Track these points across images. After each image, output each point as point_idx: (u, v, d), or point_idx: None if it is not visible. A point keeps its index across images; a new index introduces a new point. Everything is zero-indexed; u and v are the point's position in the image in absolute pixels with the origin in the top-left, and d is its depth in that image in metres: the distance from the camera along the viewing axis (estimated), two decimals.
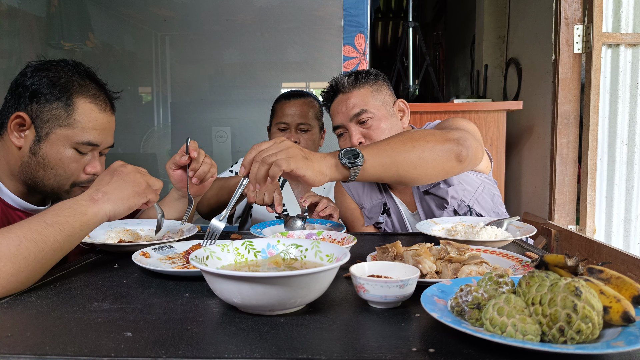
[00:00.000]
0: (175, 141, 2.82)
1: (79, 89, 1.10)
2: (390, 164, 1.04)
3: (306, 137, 1.68)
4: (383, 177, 1.07)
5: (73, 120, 1.09)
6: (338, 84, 1.45)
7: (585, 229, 2.24)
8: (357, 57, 2.48)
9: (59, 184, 1.12)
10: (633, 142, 2.25)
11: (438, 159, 1.10)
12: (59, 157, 1.09)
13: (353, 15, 2.46)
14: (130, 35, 2.80)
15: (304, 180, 0.94)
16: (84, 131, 1.10)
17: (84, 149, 1.12)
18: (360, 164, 0.99)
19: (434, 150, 1.09)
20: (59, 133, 1.08)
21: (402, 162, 1.05)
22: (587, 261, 0.69)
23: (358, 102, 1.41)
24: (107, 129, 1.17)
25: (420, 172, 1.08)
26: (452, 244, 0.92)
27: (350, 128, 1.42)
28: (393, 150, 1.05)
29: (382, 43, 7.99)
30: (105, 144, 1.17)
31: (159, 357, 0.55)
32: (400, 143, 1.07)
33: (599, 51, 2.17)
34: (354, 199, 1.57)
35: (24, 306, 0.73)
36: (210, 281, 0.70)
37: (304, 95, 1.74)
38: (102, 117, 1.14)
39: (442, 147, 1.10)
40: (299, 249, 0.84)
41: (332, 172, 0.98)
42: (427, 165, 1.08)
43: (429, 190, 1.42)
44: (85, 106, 1.10)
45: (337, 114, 1.45)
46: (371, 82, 1.45)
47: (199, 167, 1.24)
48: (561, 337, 0.54)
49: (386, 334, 0.62)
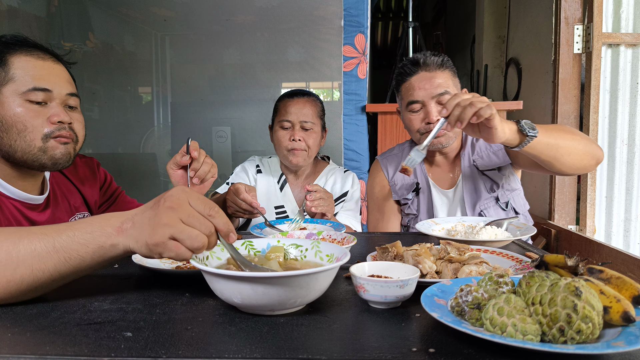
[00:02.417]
0: (175, 141, 2.82)
1: (11, 49, 1.10)
2: (554, 145, 1.23)
3: (308, 136, 1.68)
4: (541, 154, 1.24)
5: (12, 75, 1.07)
6: (423, 61, 1.52)
7: (585, 229, 2.24)
8: (357, 57, 2.48)
9: (26, 141, 1.08)
10: (633, 142, 2.25)
11: (586, 155, 1.29)
12: (12, 113, 1.07)
13: (353, 15, 2.46)
14: (130, 35, 2.80)
15: (491, 132, 1.14)
16: (25, 79, 1.08)
17: (34, 97, 1.08)
18: (535, 135, 1.17)
19: (586, 146, 1.28)
20: (4, 92, 1.07)
21: (562, 147, 1.24)
22: (587, 261, 0.69)
23: (442, 83, 1.49)
24: (52, 75, 1.12)
25: (571, 160, 1.27)
26: (452, 244, 0.92)
27: (429, 105, 1.49)
28: (558, 135, 1.24)
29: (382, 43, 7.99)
30: (58, 89, 1.12)
31: (159, 357, 0.55)
32: (563, 132, 1.26)
33: (599, 51, 2.18)
34: (387, 177, 1.70)
35: (24, 306, 0.73)
36: (210, 281, 0.70)
37: (308, 94, 1.75)
38: (41, 64, 1.11)
39: (591, 147, 1.29)
40: (299, 249, 0.84)
41: (511, 134, 1.17)
42: (577, 156, 1.27)
43: (485, 172, 1.55)
44: (20, 59, 1.09)
45: (417, 89, 1.51)
46: (451, 67, 1.55)
47: (200, 166, 1.24)
48: (561, 337, 0.54)
49: (386, 334, 0.62)
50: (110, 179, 1.46)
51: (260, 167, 1.82)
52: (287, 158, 1.69)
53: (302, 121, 1.67)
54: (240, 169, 1.82)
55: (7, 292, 0.71)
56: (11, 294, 0.72)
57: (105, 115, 2.83)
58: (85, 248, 0.72)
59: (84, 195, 1.34)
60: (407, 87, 1.54)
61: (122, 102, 2.86)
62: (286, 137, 1.68)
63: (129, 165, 2.84)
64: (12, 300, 0.73)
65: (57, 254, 0.72)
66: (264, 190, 1.77)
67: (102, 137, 2.79)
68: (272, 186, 1.78)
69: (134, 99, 2.87)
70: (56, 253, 0.71)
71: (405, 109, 1.56)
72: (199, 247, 0.69)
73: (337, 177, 1.81)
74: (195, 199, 0.72)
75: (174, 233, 0.69)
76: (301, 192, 1.79)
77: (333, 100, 2.64)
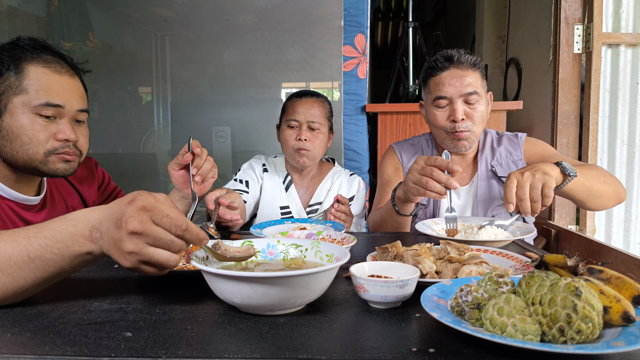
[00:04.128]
0: (175, 141, 2.82)
1: (29, 57, 1.08)
2: (588, 187, 1.33)
3: (315, 136, 1.68)
4: (576, 194, 1.33)
5: (25, 86, 1.06)
6: (457, 58, 1.52)
7: (585, 229, 2.24)
8: (357, 57, 2.48)
9: (29, 154, 1.08)
10: (633, 142, 2.25)
11: (613, 198, 1.39)
12: (19, 125, 1.06)
13: (353, 15, 2.46)
14: (130, 35, 2.80)
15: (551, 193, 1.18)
16: (39, 93, 1.06)
17: (45, 112, 1.07)
18: (575, 175, 1.26)
19: (615, 190, 1.38)
20: (15, 102, 1.06)
21: (595, 189, 1.34)
22: (587, 261, 0.69)
23: (473, 82, 1.50)
24: (66, 90, 1.10)
25: (600, 202, 1.38)
26: (452, 244, 0.92)
27: (456, 103, 1.49)
28: (593, 179, 1.34)
29: (382, 43, 7.99)
30: (70, 105, 1.11)
31: (159, 357, 0.55)
32: (597, 175, 1.36)
33: (599, 51, 2.18)
34: (402, 162, 1.70)
35: (24, 306, 0.73)
36: (210, 281, 0.70)
37: (316, 94, 1.75)
38: (57, 79, 1.09)
39: (618, 190, 1.39)
40: (299, 249, 0.84)
41: (558, 177, 1.23)
42: (606, 199, 1.38)
43: (502, 179, 1.56)
44: (37, 70, 1.07)
45: (447, 85, 1.50)
46: (482, 68, 1.56)
47: (203, 163, 1.24)
48: (561, 337, 0.54)
49: (386, 334, 0.62)
50: (109, 179, 1.46)
51: (266, 166, 1.82)
52: (293, 158, 1.70)
53: (310, 121, 1.67)
54: (248, 166, 1.82)
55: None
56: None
57: (105, 115, 2.83)
58: (61, 257, 0.69)
59: (82, 195, 1.34)
60: (436, 82, 1.53)
61: (122, 102, 2.86)
62: (293, 136, 1.68)
63: (129, 166, 2.84)
64: (3, 303, 0.72)
65: (33, 262, 0.69)
66: (269, 189, 1.77)
67: (102, 137, 2.79)
68: (277, 186, 1.78)
69: (134, 99, 2.87)
70: (32, 262, 0.69)
71: (430, 104, 1.55)
72: (172, 266, 0.68)
73: (343, 180, 1.81)
74: (161, 216, 0.66)
75: (143, 259, 0.66)
76: (306, 193, 1.80)
77: (333, 100, 2.64)
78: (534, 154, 1.57)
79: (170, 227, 0.66)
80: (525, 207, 1.15)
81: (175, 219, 0.66)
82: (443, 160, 1.18)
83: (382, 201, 1.65)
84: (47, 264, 0.69)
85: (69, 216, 0.71)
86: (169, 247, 0.67)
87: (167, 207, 0.67)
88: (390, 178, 1.68)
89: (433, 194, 1.18)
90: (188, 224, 0.67)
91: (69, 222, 0.70)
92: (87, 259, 0.71)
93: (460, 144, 1.51)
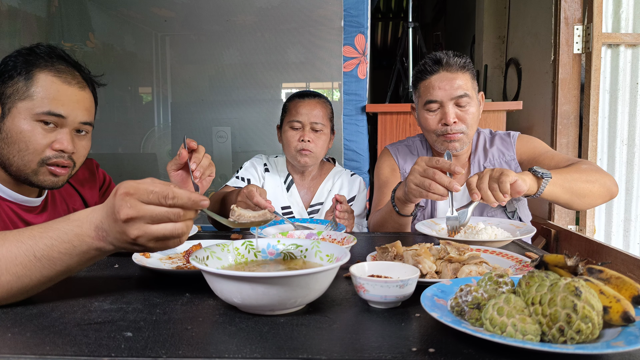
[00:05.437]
0: (176, 141, 2.82)
1: (42, 64, 1.08)
2: (568, 189, 1.30)
3: (318, 137, 1.68)
4: (559, 197, 1.31)
5: (32, 92, 1.06)
6: (446, 61, 1.50)
7: (585, 229, 2.24)
8: (357, 57, 2.48)
9: (23, 160, 1.07)
10: (633, 142, 2.25)
11: (599, 196, 1.35)
12: (19, 130, 1.05)
13: (353, 15, 2.46)
14: (130, 35, 2.80)
15: (521, 189, 1.16)
16: (43, 101, 1.06)
17: (47, 120, 1.06)
18: (550, 177, 1.23)
19: (601, 188, 1.34)
20: (19, 106, 1.05)
21: (576, 190, 1.31)
22: (587, 261, 0.69)
23: (463, 85, 1.48)
24: (73, 101, 1.09)
25: (586, 201, 1.34)
26: (452, 244, 0.92)
27: (447, 106, 1.48)
28: (572, 179, 1.30)
29: (382, 43, 7.99)
30: (73, 117, 1.10)
31: (159, 357, 0.55)
32: (578, 175, 1.32)
33: (599, 51, 2.17)
34: (398, 164, 1.70)
35: (24, 306, 0.73)
36: (210, 281, 0.70)
37: (319, 95, 1.75)
38: (65, 89, 1.09)
39: (606, 187, 1.34)
40: (299, 249, 0.84)
41: (531, 182, 1.23)
42: (592, 198, 1.34)
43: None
44: (47, 78, 1.07)
45: (437, 89, 1.49)
46: (471, 69, 1.54)
47: (202, 157, 1.23)
48: (561, 337, 0.54)
49: (386, 334, 0.62)
50: (109, 180, 1.46)
51: (267, 165, 1.82)
52: (296, 158, 1.70)
53: (313, 122, 1.67)
54: (250, 164, 1.82)
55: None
56: (3, 297, 0.72)
57: (105, 115, 2.83)
58: (68, 256, 0.71)
59: (83, 197, 1.34)
60: (426, 86, 1.52)
61: (123, 102, 2.86)
62: (296, 137, 1.68)
63: (129, 166, 2.84)
64: (5, 302, 0.73)
65: (40, 262, 0.70)
66: (271, 189, 1.78)
67: (103, 137, 2.79)
68: (278, 186, 1.78)
69: (134, 99, 2.88)
70: (38, 261, 0.70)
71: (422, 107, 1.54)
72: (181, 234, 0.69)
73: (344, 180, 1.81)
74: (146, 194, 0.67)
75: (151, 237, 0.67)
76: (307, 193, 1.80)
77: (333, 101, 2.64)
78: (526, 152, 1.57)
79: (159, 200, 0.67)
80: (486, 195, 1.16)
81: (160, 192, 0.67)
82: (445, 161, 1.17)
83: (380, 203, 1.65)
84: (54, 262, 0.71)
85: (72, 217, 0.72)
86: (169, 219, 0.68)
87: (150, 184, 0.68)
88: (387, 179, 1.68)
89: (435, 196, 1.17)
90: (174, 191, 0.67)
91: (73, 222, 0.71)
92: (96, 255, 0.72)
93: (452, 145, 1.51)
